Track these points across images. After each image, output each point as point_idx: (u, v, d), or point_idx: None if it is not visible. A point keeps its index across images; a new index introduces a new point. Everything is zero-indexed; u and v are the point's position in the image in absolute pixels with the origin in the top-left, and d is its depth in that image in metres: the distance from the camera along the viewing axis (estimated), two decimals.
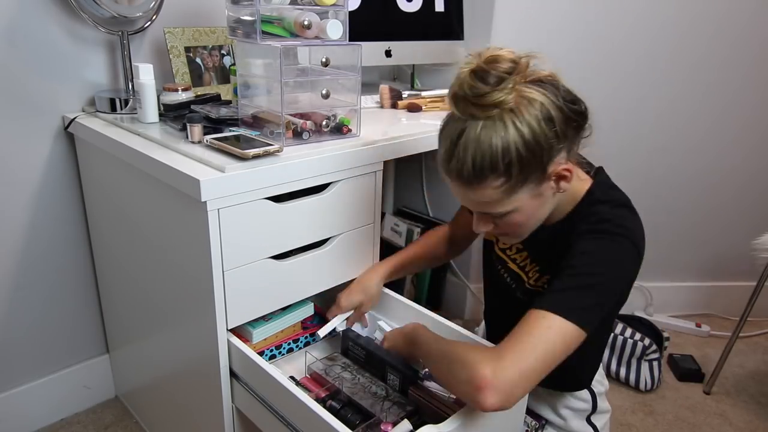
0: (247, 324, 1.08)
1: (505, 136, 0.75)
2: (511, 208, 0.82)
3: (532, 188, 0.80)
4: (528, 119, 0.76)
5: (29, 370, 1.39)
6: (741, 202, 1.96)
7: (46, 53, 1.22)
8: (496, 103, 0.75)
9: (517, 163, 0.76)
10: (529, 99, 0.76)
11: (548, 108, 0.77)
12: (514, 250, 1.02)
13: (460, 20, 1.75)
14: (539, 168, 0.78)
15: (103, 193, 1.25)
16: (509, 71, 0.76)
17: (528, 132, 0.75)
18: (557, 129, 0.77)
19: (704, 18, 1.76)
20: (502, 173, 0.77)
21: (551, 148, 0.78)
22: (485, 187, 0.79)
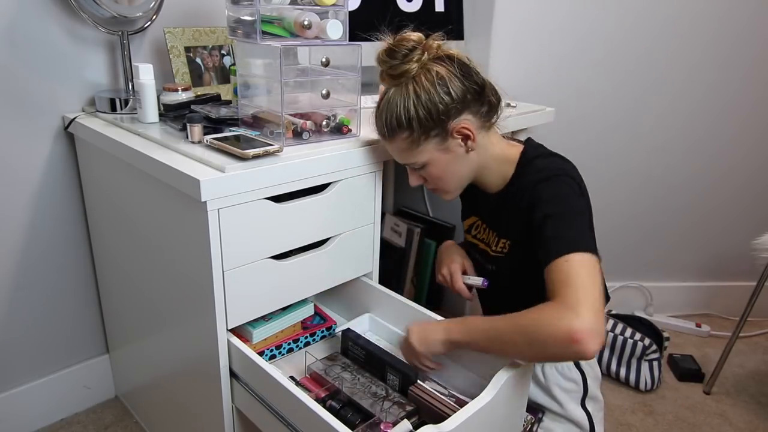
0: (247, 324, 1.08)
1: (406, 98, 0.94)
2: (423, 159, 0.99)
3: (437, 142, 0.97)
4: (425, 84, 0.93)
5: (29, 370, 1.39)
6: (741, 202, 1.96)
7: (46, 53, 1.23)
8: (401, 72, 0.95)
9: (416, 118, 0.94)
10: (428, 69, 0.94)
11: (444, 76, 0.93)
12: (481, 232, 1.14)
13: (460, 20, 1.74)
14: (438, 124, 0.95)
15: (103, 193, 1.25)
16: (413, 48, 0.94)
17: (423, 93, 0.93)
18: (451, 92, 0.93)
19: (704, 18, 1.76)
20: (405, 128, 0.96)
21: (447, 108, 0.94)
22: (396, 140, 0.99)
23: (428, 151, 0.98)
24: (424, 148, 0.98)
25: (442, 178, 1.03)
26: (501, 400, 0.88)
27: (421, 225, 1.80)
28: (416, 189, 1.94)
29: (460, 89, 0.94)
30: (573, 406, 1.09)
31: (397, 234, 1.84)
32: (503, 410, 0.91)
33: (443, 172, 1.01)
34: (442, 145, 0.98)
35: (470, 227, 1.19)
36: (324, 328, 1.20)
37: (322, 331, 1.20)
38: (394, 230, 1.85)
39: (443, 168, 1.01)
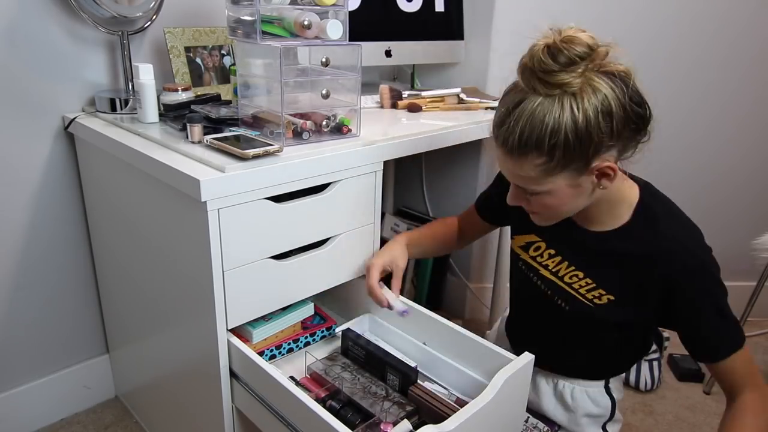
0: (247, 324, 1.08)
1: (559, 118, 0.75)
2: (545, 189, 0.82)
3: (571, 176, 0.80)
4: (586, 107, 0.75)
5: (29, 370, 1.39)
6: (740, 202, 1.96)
7: (46, 53, 1.23)
8: (560, 83, 0.75)
9: (563, 146, 0.76)
10: (594, 88, 0.76)
11: (611, 102, 0.76)
12: (546, 257, 1.00)
13: (460, 20, 1.75)
14: (583, 158, 0.78)
15: (103, 193, 1.25)
16: (582, 56, 0.76)
17: (582, 119, 0.75)
18: (613, 126, 0.76)
19: (703, 17, 1.76)
20: (545, 153, 0.77)
21: (601, 143, 0.77)
22: (526, 162, 0.79)
23: (556, 183, 0.81)
24: (554, 179, 0.80)
25: (555, 210, 0.87)
26: (501, 400, 0.88)
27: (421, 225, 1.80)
28: (416, 189, 1.94)
29: (621, 121, 0.77)
30: (595, 429, 1.06)
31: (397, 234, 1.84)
32: (503, 410, 0.91)
33: (561, 205, 0.85)
34: (574, 181, 0.81)
35: (528, 245, 1.03)
36: (324, 328, 1.20)
37: (322, 331, 1.20)
38: (394, 230, 1.85)
39: (562, 201, 0.84)
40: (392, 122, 1.33)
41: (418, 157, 1.86)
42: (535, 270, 1.02)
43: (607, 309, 0.93)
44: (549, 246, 1.00)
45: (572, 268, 0.96)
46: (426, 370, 1.07)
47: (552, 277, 0.99)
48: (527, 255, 1.03)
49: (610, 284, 0.92)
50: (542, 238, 1.01)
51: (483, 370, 0.98)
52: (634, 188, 0.92)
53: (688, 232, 0.90)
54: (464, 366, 1.02)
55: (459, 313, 1.93)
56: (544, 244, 1.00)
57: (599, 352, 1.01)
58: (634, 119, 0.79)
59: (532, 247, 1.02)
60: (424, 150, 1.24)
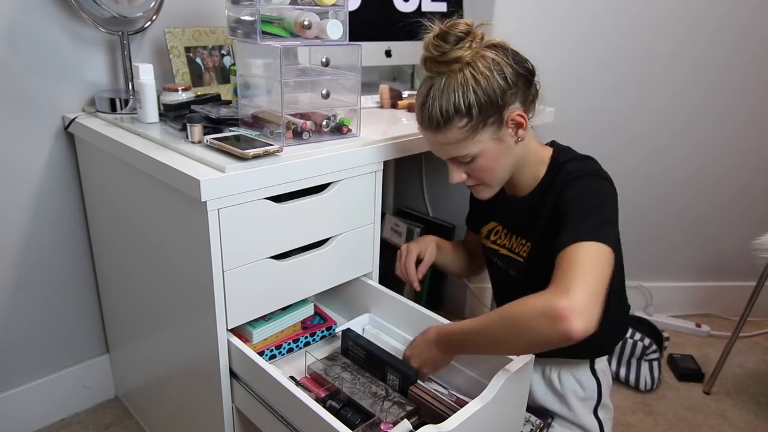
0: (247, 324, 1.08)
1: (464, 83, 0.91)
2: (476, 150, 0.96)
3: (492, 131, 0.95)
4: (482, 70, 0.91)
5: (29, 370, 1.39)
6: (741, 202, 1.96)
7: (46, 53, 1.23)
8: (455, 58, 0.91)
9: (476, 104, 0.91)
10: (482, 55, 0.92)
11: (498, 61, 0.92)
12: (502, 237, 1.13)
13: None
14: (496, 111, 0.93)
15: (103, 193, 1.25)
16: (465, 32, 0.92)
17: (483, 80, 0.91)
18: (508, 79, 0.92)
19: (704, 18, 1.76)
20: (464, 114, 0.92)
21: (504, 94, 0.92)
22: (452, 128, 0.94)
23: (483, 141, 0.95)
24: (480, 137, 0.94)
25: (491, 171, 1.00)
26: (501, 400, 0.88)
27: (421, 225, 1.80)
28: (416, 189, 1.94)
29: (513, 75, 0.93)
30: (585, 413, 1.09)
31: (397, 234, 1.84)
32: (503, 410, 0.91)
33: (493, 164, 0.98)
34: (496, 135, 0.95)
35: (489, 233, 1.17)
36: (324, 328, 1.20)
37: (322, 331, 1.20)
38: (394, 230, 1.85)
39: (493, 160, 0.98)
40: (392, 122, 1.33)
41: (418, 157, 1.86)
42: (495, 252, 1.15)
43: (532, 257, 1.04)
44: (503, 226, 1.13)
45: (518, 237, 1.09)
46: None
47: (508, 252, 1.11)
48: (489, 242, 1.17)
49: (532, 233, 1.04)
50: (498, 221, 1.15)
51: (483, 370, 0.98)
52: (548, 149, 1.05)
53: (584, 164, 0.99)
54: (464, 366, 1.02)
55: (459, 313, 1.93)
56: (501, 226, 1.14)
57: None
58: (522, 71, 0.95)
59: (492, 233, 1.16)
60: (424, 150, 1.24)
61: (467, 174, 1.01)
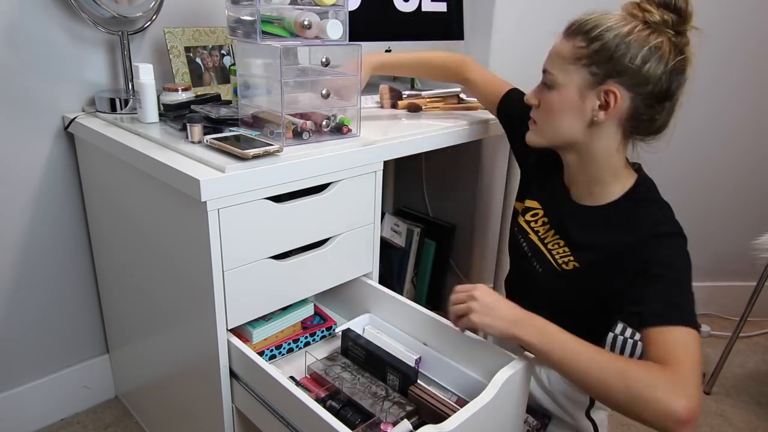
0: (247, 324, 1.08)
1: (621, 25, 0.86)
2: (561, 79, 0.92)
3: (585, 81, 0.89)
4: (645, 41, 0.85)
5: (29, 370, 1.39)
6: (740, 202, 1.96)
7: (46, 53, 1.23)
8: (647, 10, 0.87)
9: (602, 44, 0.87)
10: (662, 40, 0.86)
11: (661, 57, 0.86)
12: (539, 223, 1.08)
13: (460, 20, 1.75)
14: (606, 66, 0.87)
15: (103, 193, 1.25)
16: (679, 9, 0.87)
17: (635, 38, 0.85)
18: (647, 65, 0.85)
19: (700, 17, 1.75)
20: (588, 39, 0.88)
21: (625, 70, 0.86)
22: (571, 41, 0.91)
23: (573, 77, 0.90)
24: (574, 70, 0.90)
25: (552, 115, 0.94)
26: (501, 400, 0.88)
27: (421, 225, 1.80)
28: (416, 189, 1.94)
29: (652, 72, 0.86)
30: (578, 415, 1.08)
31: (397, 234, 1.84)
32: (503, 410, 0.91)
33: (559, 110, 0.93)
34: (584, 88, 0.90)
35: (527, 211, 1.11)
36: (324, 328, 1.20)
37: (322, 331, 1.20)
38: (394, 230, 1.85)
39: (563, 107, 0.93)
40: (392, 122, 1.33)
41: (418, 157, 1.86)
42: (525, 233, 1.10)
43: (573, 275, 0.99)
44: (545, 214, 1.08)
45: (557, 236, 1.03)
46: (426, 370, 1.07)
47: (537, 242, 1.07)
48: (523, 219, 1.11)
49: (582, 253, 0.99)
50: (542, 206, 1.09)
51: (483, 370, 0.98)
52: (633, 176, 0.98)
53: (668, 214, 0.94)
54: (464, 366, 1.02)
55: None
56: (542, 212, 1.08)
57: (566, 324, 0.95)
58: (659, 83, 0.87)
59: (529, 213, 1.10)
60: (424, 150, 1.24)
61: (539, 102, 0.97)
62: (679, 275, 0.87)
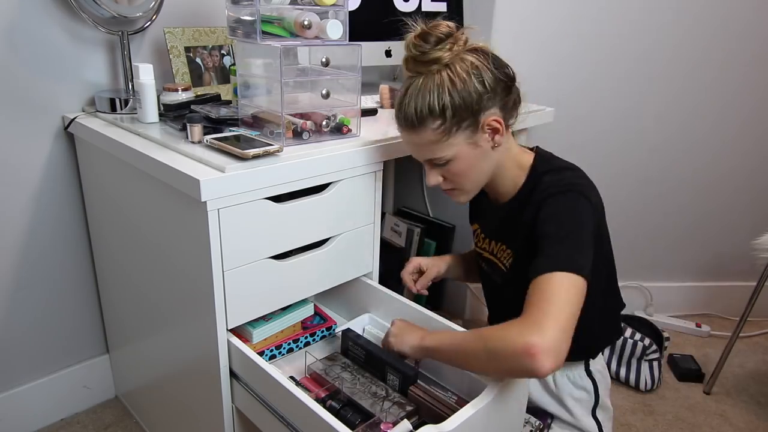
0: (247, 324, 1.08)
1: (440, 84, 0.90)
2: (450, 153, 0.95)
3: (467, 135, 0.94)
4: (460, 72, 0.90)
5: (29, 370, 1.39)
6: (740, 202, 1.96)
7: (46, 53, 1.22)
8: (435, 59, 0.91)
9: (450, 107, 0.90)
10: (462, 59, 0.92)
11: (477, 65, 0.91)
12: (481, 241, 1.13)
13: (460, 20, 1.75)
14: (471, 114, 0.92)
15: (103, 193, 1.25)
16: (447, 34, 0.92)
17: (459, 82, 0.90)
18: (485, 82, 0.91)
19: (702, 18, 1.76)
20: (438, 116, 0.91)
21: (481, 99, 0.91)
22: (425, 130, 0.93)
23: (457, 144, 0.94)
24: (454, 140, 0.93)
25: (466, 176, 0.99)
26: (501, 400, 0.88)
27: (421, 225, 1.80)
28: (416, 189, 1.94)
29: (492, 80, 0.92)
30: (583, 415, 1.09)
31: (397, 234, 1.84)
32: (503, 410, 0.91)
33: (468, 168, 0.97)
34: (471, 139, 0.94)
35: (474, 234, 1.17)
36: (324, 328, 1.20)
37: (322, 331, 1.20)
38: (394, 230, 1.85)
39: (468, 164, 0.97)
40: (392, 122, 1.33)
41: None
42: (480, 255, 1.15)
43: (515, 267, 1.03)
44: (482, 230, 1.13)
45: (499, 243, 1.08)
46: (426, 370, 1.07)
47: (491, 256, 1.11)
48: (476, 246, 1.16)
49: (513, 242, 1.04)
50: (479, 224, 1.15)
51: None
52: (529, 156, 1.03)
53: (562, 176, 0.98)
54: None
55: (459, 313, 1.93)
56: (479, 229, 1.14)
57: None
58: (502, 77, 0.93)
59: (475, 235, 1.16)
60: None
61: (443, 177, 1.00)
62: (559, 226, 0.90)
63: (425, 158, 0.99)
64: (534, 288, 0.84)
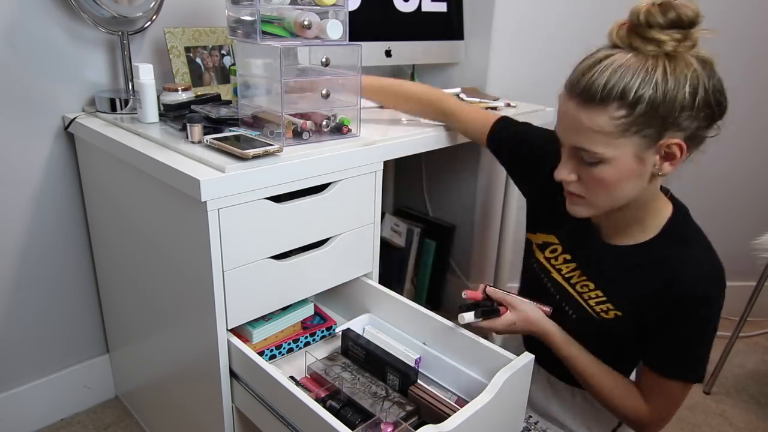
0: (247, 324, 1.08)
1: (652, 72, 0.75)
2: (610, 154, 0.78)
3: (641, 145, 0.77)
4: (678, 74, 0.75)
5: (29, 370, 1.39)
6: (740, 202, 1.96)
7: (46, 53, 1.23)
8: (658, 39, 0.76)
9: (646, 102, 0.74)
10: (686, 60, 0.76)
11: (698, 78, 0.76)
12: (559, 261, 0.99)
13: (460, 20, 1.75)
14: (659, 125, 0.76)
15: (103, 193, 1.25)
16: (690, 20, 0.77)
17: (672, 81, 0.75)
18: (695, 102, 0.76)
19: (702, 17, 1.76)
20: (628, 104, 0.75)
21: (680, 115, 0.76)
22: (603, 113, 0.76)
23: (624, 147, 0.77)
24: (624, 142, 0.77)
25: (607, 189, 0.82)
26: (501, 400, 0.88)
27: (421, 225, 1.80)
28: (416, 189, 1.93)
29: (703, 101, 0.76)
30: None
31: (397, 234, 1.84)
32: (503, 410, 0.91)
33: (615, 181, 0.80)
34: (641, 151, 0.78)
35: (545, 246, 1.01)
36: (324, 328, 1.20)
37: (322, 331, 1.20)
38: (394, 230, 1.85)
39: (619, 177, 0.80)
40: (392, 122, 1.33)
41: (418, 157, 1.86)
42: (547, 272, 1.01)
43: (613, 324, 0.92)
44: (565, 251, 0.98)
45: (584, 277, 0.95)
46: (426, 370, 1.07)
47: (563, 282, 0.98)
48: (542, 255, 1.02)
49: (621, 300, 0.91)
50: (560, 242, 0.99)
51: (483, 370, 0.98)
52: (668, 206, 0.90)
53: (714, 265, 0.86)
54: (464, 366, 1.02)
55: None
56: (561, 248, 0.99)
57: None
58: (713, 104, 0.78)
59: (548, 249, 1.01)
60: (424, 150, 1.24)
61: (578, 177, 0.83)
62: (701, 335, 0.87)
63: (576, 144, 0.81)
64: (664, 385, 0.90)
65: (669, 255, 0.86)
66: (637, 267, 0.89)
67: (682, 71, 0.75)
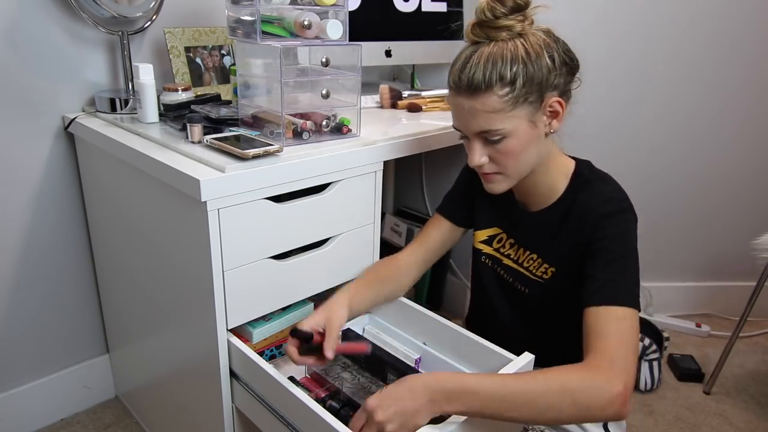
0: (247, 324, 1.08)
1: (515, 51, 0.87)
2: (509, 126, 0.89)
3: (529, 112, 0.89)
4: (533, 43, 0.88)
5: (29, 370, 1.39)
6: (740, 202, 1.96)
7: (46, 53, 1.23)
8: (507, 26, 0.88)
9: (522, 75, 0.86)
10: (533, 32, 0.89)
11: (549, 42, 0.89)
12: (506, 247, 1.08)
13: (460, 20, 1.74)
14: (538, 89, 0.88)
15: (103, 193, 1.25)
16: (523, 5, 0.89)
17: (533, 52, 0.87)
18: (555, 60, 0.89)
19: (702, 17, 1.76)
20: (509, 82, 0.86)
21: (549, 75, 0.88)
22: (491, 96, 0.87)
23: (518, 118, 0.88)
24: (516, 113, 0.88)
25: (515, 157, 0.92)
26: None
27: (421, 225, 1.80)
28: (416, 189, 1.94)
29: (560, 60, 0.89)
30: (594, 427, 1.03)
31: (397, 234, 1.84)
32: None
33: (520, 149, 0.91)
34: (532, 116, 0.89)
35: (491, 239, 1.10)
36: None
37: None
38: (394, 230, 1.85)
39: (522, 144, 0.91)
40: (392, 122, 1.33)
41: (418, 157, 1.86)
42: (498, 261, 1.09)
43: (554, 282, 0.99)
44: (509, 236, 1.08)
45: (524, 250, 1.04)
46: (426, 370, 1.07)
47: (514, 264, 1.06)
48: (490, 248, 1.10)
49: (552, 256, 0.99)
50: (502, 229, 1.09)
51: (483, 370, 0.98)
52: (571, 162, 1.00)
53: (616, 188, 0.96)
54: (464, 366, 1.02)
55: (459, 313, 1.93)
56: (505, 235, 1.08)
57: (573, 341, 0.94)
58: (568, 60, 0.91)
59: (495, 240, 1.10)
60: (424, 150, 1.24)
61: (489, 157, 0.93)
62: (624, 252, 0.90)
63: (479, 129, 0.90)
64: (602, 320, 0.85)
65: (575, 199, 0.96)
66: (556, 222, 0.98)
67: (536, 43, 0.88)
